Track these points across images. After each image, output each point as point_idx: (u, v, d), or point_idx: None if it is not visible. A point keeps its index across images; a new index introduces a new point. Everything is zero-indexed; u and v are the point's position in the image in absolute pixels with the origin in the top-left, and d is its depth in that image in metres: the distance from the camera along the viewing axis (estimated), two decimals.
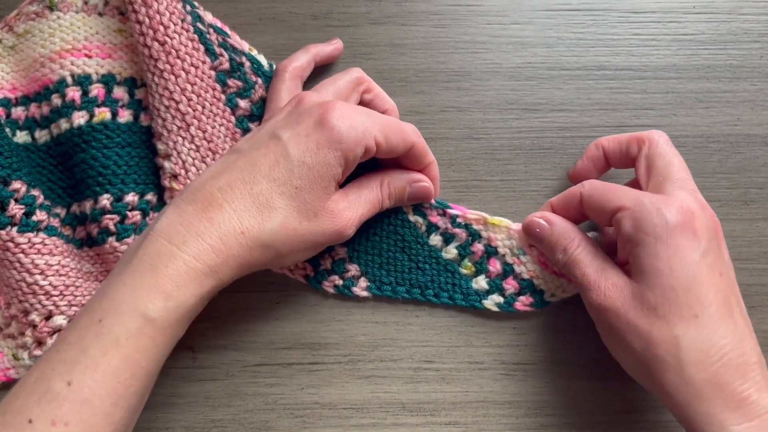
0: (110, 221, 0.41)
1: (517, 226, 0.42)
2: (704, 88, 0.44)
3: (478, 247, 0.42)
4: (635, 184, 0.39)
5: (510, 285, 0.42)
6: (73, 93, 0.41)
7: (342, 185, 0.38)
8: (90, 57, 0.42)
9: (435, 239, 0.42)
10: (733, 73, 0.45)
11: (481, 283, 0.42)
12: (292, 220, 0.35)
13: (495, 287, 0.42)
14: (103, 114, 0.42)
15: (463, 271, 0.42)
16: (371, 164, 0.40)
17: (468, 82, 0.45)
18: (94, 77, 0.42)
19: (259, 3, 0.45)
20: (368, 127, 0.36)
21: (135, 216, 0.42)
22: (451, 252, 0.42)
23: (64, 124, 0.42)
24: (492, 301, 0.42)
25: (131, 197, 0.41)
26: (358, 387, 0.42)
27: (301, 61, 0.42)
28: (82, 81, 0.42)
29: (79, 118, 0.41)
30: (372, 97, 0.42)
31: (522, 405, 0.42)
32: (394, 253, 0.42)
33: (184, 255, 0.33)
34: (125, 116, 0.42)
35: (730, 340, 0.33)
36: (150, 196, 0.42)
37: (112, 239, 0.41)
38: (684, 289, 0.33)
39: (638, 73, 0.45)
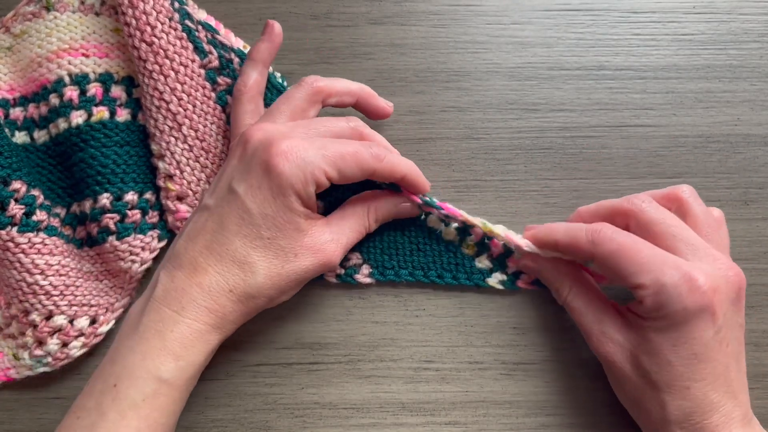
0: (110, 220, 0.41)
1: (516, 237, 0.40)
2: (704, 88, 0.44)
3: (477, 230, 0.42)
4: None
5: (513, 263, 0.42)
6: (71, 92, 0.41)
7: (330, 203, 0.39)
8: (87, 56, 0.42)
9: (433, 220, 0.42)
10: (733, 73, 0.45)
11: (484, 262, 0.42)
12: (273, 268, 0.36)
13: (498, 265, 0.42)
14: (101, 113, 0.42)
15: (465, 250, 0.42)
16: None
17: (468, 82, 0.45)
18: (92, 76, 0.42)
19: (259, 3, 0.45)
20: (316, 163, 0.35)
21: (135, 215, 0.42)
22: (450, 233, 0.42)
23: (62, 124, 0.42)
24: (496, 279, 0.42)
25: (131, 196, 0.42)
26: (358, 387, 0.42)
27: (253, 77, 0.41)
28: (80, 80, 0.42)
29: (78, 118, 0.41)
30: (336, 100, 0.40)
31: (522, 405, 0.42)
32: (394, 237, 0.42)
33: (185, 319, 0.35)
34: (123, 115, 0.42)
35: (717, 401, 0.34)
36: (149, 195, 0.42)
37: (112, 238, 0.41)
38: (683, 365, 0.34)
39: (638, 73, 0.45)
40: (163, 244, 0.43)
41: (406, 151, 0.44)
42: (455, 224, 0.42)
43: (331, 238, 0.38)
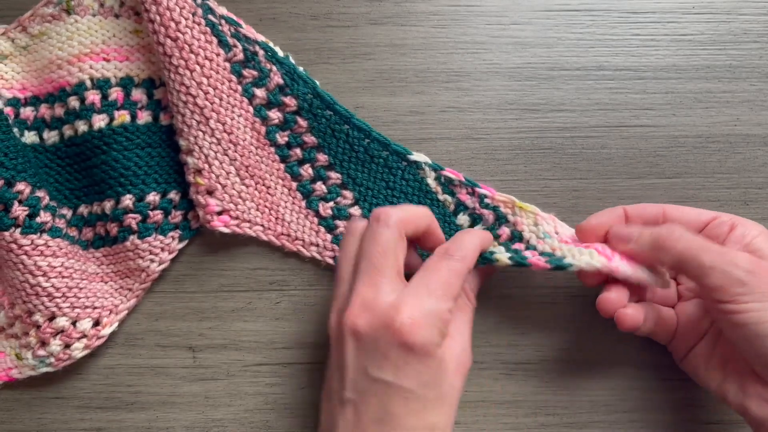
0: (132, 220, 0.42)
1: (545, 214, 0.41)
2: (703, 88, 0.44)
3: (505, 230, 0.41)
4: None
5: (529, 253, 0.39)
6: (93, 96, 0.42)
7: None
8: (108, 60, 0.43)
9: (462, 219, 0.42)
10: (733, 74, 0.45)
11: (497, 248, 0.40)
12: (446, 411, 0.35)
13: (513, 253, 0.39)
14: (122, 117, 0.42)
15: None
16: None
17: (468, 82, 0.45)
18: (113, 81, 0.42)
19: (260, 3, 0.45)
20: (436, 308, 0.34)
21: (156, 215, 0.42)
22: (464, 220, 0.42)
23: (82, 127, 0.42)
24: (504, 255, 0.38)
25: (152, 197, 0.42)
26: None
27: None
28: (102, 85, 0.42)
29: (100, 122, 0.42)
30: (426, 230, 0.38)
31: (522, 405, 0.42)
32: None
33: None
34: (144, 117, 0.42)
35: None
36: (173, 195, 0.43)
37: (133, 237, 0.42)
38: None
39: (638, 73, 0.45)
40: (182, 245, 0.43)
41: None
42: (483, 225, 0.42)
43: (461, 348, 0.36)
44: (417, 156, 0.42)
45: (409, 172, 0.43)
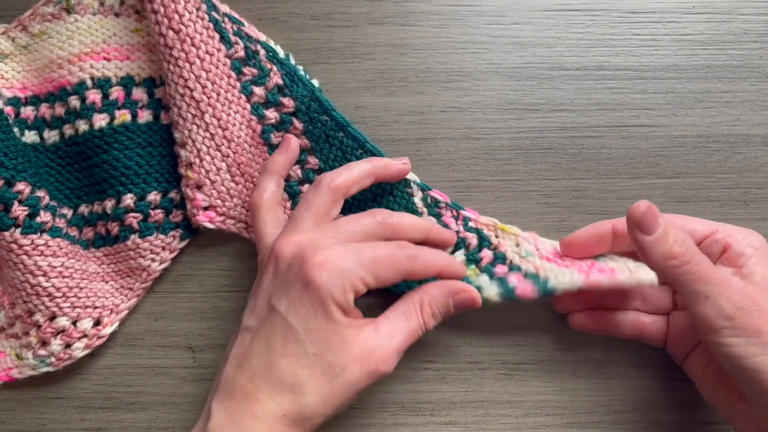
0: (134, 219, 0.42)
1: (525, 234, 0.41)
2: (704, 88, 0.44)
3: (487, 253, 0.41)
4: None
5: (514, 278, 0.39)
6: (94, 96, 0.42)
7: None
8: (109, 60, 0.43)
9: None
10: (733, 73, 0.45)
11: (485, 280, 0.40)
12: (322, 386, 0.34)
13: (499, 284, 0.39)
14: (123, 116, 0.42)
15: (469, 274, 0.40)
16: None
17: (468, 82, 0.45)
18: (114, 80, 0.42)
19: (259, 3, 0.45)
20: (353, 270, 0.34)
21: (157, 214, 0.42)
22: (458, 258, 0.40)
23: (82, 126, 0.42)
24: (493, 291, 0.39)
25: (153, 196, 0.42)
26: None
27: (270, 188, 0.40)
28: (102, 84, 0.42)
29: (101, 121, 0.42)
30: (356, 189, 0.39)
31: (522, 405, 0.42)
32: None
33: None
34: (145, 117, 0.43)
35: None
36: (173, 194, 0.43)
37: (134, 236, 0.42)
38: None
39: (638, 73, 0.45)
40: (183, 244, 0.43)
41: (406, 151, 0.44)
42: (465, 249, 0.41)
43: (380, 342, 0.35)
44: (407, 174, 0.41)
45: (397, 189, 0.42)
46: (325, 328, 0.34)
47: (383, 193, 0.42)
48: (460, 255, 0.41)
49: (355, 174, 0.39)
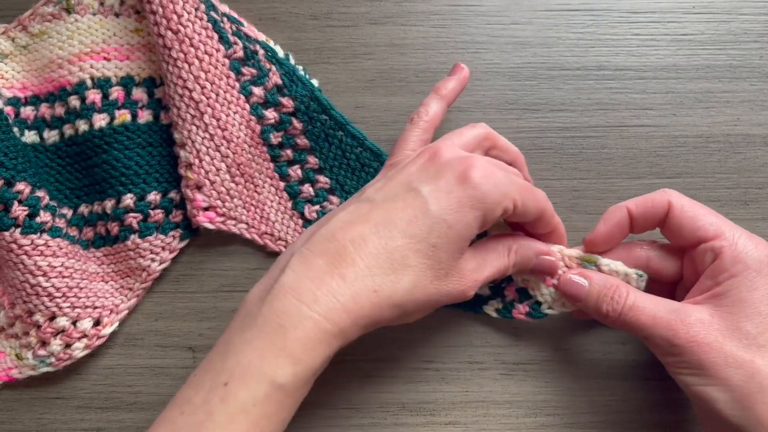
0: (134, 219, 0.42)
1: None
2: (704, 88, 0.44)
3: None
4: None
5: (510, 292, 0.41)
6: (94, 96, 0.42)
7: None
8: (108, 60, 0.43)
9: None
10: (733, 73, 0.45)
11: (483, 288, 0.41)
12: (424, 279, 0.33)
13: (496, 292, 0.41)
14: (123, 116, 0.42)
15: None
16: None
17: (468, 82, 0.45)
18: (114, 80, 0.42)
19: (260, 3, 0.45)
20: (509, 188, 0.34)
21: (157, 214, 0.42)
22: None
23: (82, 126, 0.42)
24: (492, 307, 0.41)
25: (153, 196, 0.42)
26: (358, 387, 0.42)
27: (434, 109, 0.40)
28: (102, 84, 0.42)
29: (101, 121, 0.42)
30: (498, 153, 0.39)
31: (522, 405, 0.42)
32: None
33: (314, 315, 0.31)
34: (145, 117, 0.43)
35: None
36: (173, 194, 0.43)
37: (134, 236, 0.42)
38: None
39: (638, 73, 0.45)
40: (183, 244, 0.43)
41: None
42: None
43: (476, 267, 0.36)
44: None
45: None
46: (458, 228, 0.33)
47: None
48: None
49: (504, 141, 0.40)
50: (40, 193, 0.41)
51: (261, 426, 0.31)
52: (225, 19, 0.42)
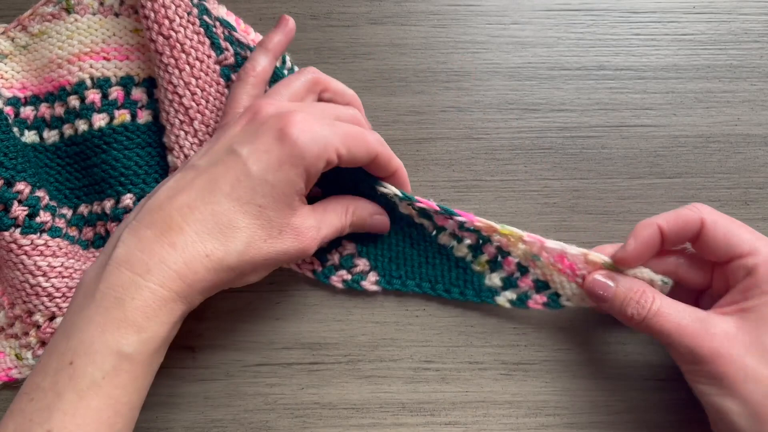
0: None
1: (529, 235, 0.40)
2: (704, 88, 0.44)
3: (490, 248, 0.41)
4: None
5: (525, 283, 0.41)
6: (93, 95, 0.42)
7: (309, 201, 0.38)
8: (108, 60, 0.43)
9: (444, 238, 0.41)
10: (733, 73, 0.45)
11: (494, 279, 0.41)
12: (256, 240, 0.34)
13: (509, 284, 0.41)
14: (123, 116, 0.42)
15: (476, 268, 0.41)
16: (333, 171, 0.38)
17: (468, 82, 0.45)
18: (113, 80, 0.42)
19: (259, 3, 0.45)
20: (329, 139, 0.34)
21: None
22: (462, 250, 0.41)
23: (82, 126, 0.42)
24: (505, 298, 0.41)
25: None
26: (358, 387, 0.42)
27: (262, 64, 0.40)
28: (102, 84, 0.42)
29: (100, 121, 0.42)
30: (331, 95, 0.40)
31: (522, 405, 0.42)
32: (404, 248, 0.42)
33: (149, 284, 0.32)
34: (144, 117, 0.43)
35: None
36: None
37: None
38: None
39: (638, 73, 0.45)
40: None
41: (406, 151, 0.44)
42: (468, 241, 0.41)
43: (314, 225, 0.36)
44: (387, 189, 0.40)
45: (383, 196, 0.41)
46: (282, 186, 0.34)
47: (375, 196, 0.41)
48: (464, 247, 0.41)
49: (336, 83, 0.40)
50: (39, 193, 0.41)
51: (114, 397, 0.31)
52: (218, 23, 0.42)
